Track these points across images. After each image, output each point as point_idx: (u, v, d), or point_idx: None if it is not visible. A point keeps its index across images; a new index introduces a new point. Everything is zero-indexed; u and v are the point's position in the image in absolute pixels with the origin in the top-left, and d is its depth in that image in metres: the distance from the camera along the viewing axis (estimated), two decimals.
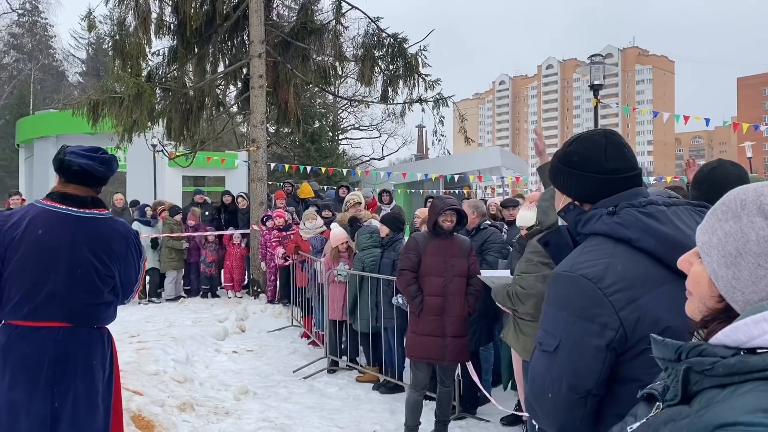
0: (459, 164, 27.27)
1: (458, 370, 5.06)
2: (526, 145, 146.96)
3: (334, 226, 7.27)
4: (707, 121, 10.96)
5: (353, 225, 7.24)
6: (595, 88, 12.32)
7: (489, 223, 5.84)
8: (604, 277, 1.41)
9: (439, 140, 12.28)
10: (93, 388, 2.72)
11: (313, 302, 7.64)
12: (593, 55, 12.68)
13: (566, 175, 1.63)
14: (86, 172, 2.75)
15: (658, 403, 0.95)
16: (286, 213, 9.93)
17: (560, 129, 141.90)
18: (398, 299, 5.49)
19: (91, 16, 11.85)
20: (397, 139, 47.81)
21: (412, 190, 25.57)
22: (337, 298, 6.71)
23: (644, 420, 0.95)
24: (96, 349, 2.76)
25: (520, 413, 4.66)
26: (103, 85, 11.37)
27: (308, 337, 7.96)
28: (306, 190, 11.45)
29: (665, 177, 17.24)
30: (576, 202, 1.64)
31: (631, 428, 0.97)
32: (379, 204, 10.09)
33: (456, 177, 22.53)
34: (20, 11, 40.22)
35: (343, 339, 6.83)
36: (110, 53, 11.94)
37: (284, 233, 9.36)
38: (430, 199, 10.08)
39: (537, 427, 1.61)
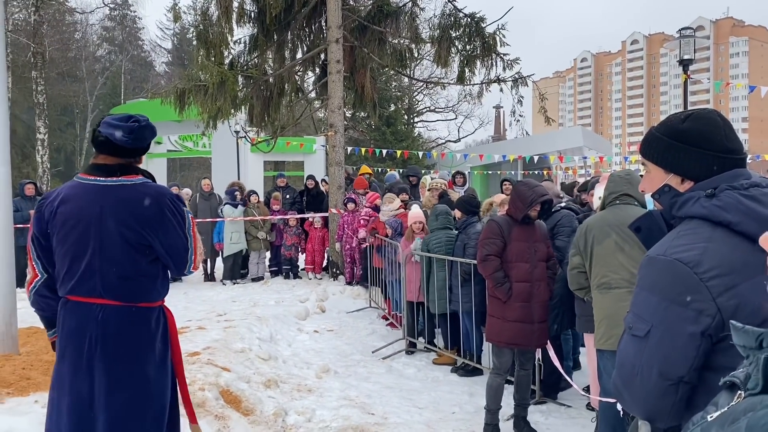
0: (539, 145, 26.65)
1: (538, 354, 5.00)
2: (609, 125, 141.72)
3: (413, 206, 7.31)
4: None
5: (443, 198, 7.34)
6: (684, 63, 11.71)
7: (563, 205, 5.69)
8: (701, 261, 1.36)
9: (518, 121, 12.02)
10: (137, 371, 2.55)
11: (390, 284, 7.72)
12: (683, 29, 12.03)
13: (681, 153, 1.54)
14: (111, 142, 2.58)
15: (739, 392, 0.92)
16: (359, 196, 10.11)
17: (646, 107, 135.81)
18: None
19: (177, 8, 12.36)
20: (474, 121, 47.12)
21: (489, 172, 25.23)
22: (414, 279, 6.75)
23: (725, 409, 0.93)
24: (141, 330, 2.57)
25: (589, 396, 4.58)
26: (189, 74, 11.83)
27: (386, 319, 8.06)
28: (360, 183, 10.85)
29: (762, 155, 16.20)
30: (670, 185, 1.57)
31: (711, 417, 0.95)
32: (453, 186, 10.02)
33: (535, 158, 22.02)
34: (111, 5, 42.36)
35: (420, 320, 6.89)
36: (194, 43, 12.37)
37: (376, 213, 9.28)
38: (506, 182, 9.92)
39: (623, 411, 1.58)
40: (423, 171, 14.87)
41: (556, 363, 4.75)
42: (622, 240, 3.57)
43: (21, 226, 9.24)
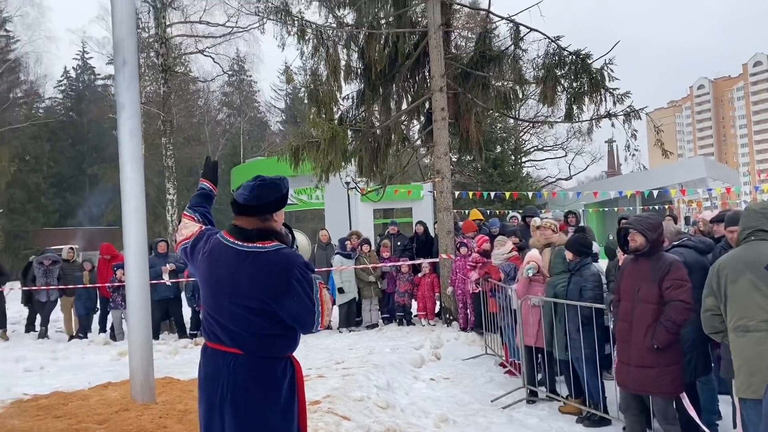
0: (657, 178, 25.41)
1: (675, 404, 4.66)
2: (735, 153, 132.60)
3: (534, 249, 7.14)
4: None
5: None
6: None
7: (679, 242, 5.31)
8: None
9: (633, 155, 11.51)
10: (263, 419, 2.67)
11: (506, 330, 7.54)
12: None
13: None
14: (240, 204, 2.77)
15: None
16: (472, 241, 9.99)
17: None
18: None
19: (289, 71, 13.13)
20: (585, 157, 44.75)
21: (606, 209, 24.26)
22: (531, 323, 6.55)
23: None
24: (268, 380, 2.70)
25: None
26: (302, 132, 12.47)
27: (504, 366, 7.85)
28: (469, 225, 11.10)
29: None
30: None
31: None
32: (566, 226, 9.70)
33: (655, 192, 20.94)
34: (230, 73, 45.72)
35: (541, 367, 6.64)
36: (306, 102, 13.05)
37: (485, 259, 9.23)
38: (624, 220, 9.47)
39: None
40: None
41: (692, 412, 4.40)
42: (758, 279, 3.31)
43: (155, 282, 10.00)
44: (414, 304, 11.32)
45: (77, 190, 45.18)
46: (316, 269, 3.08)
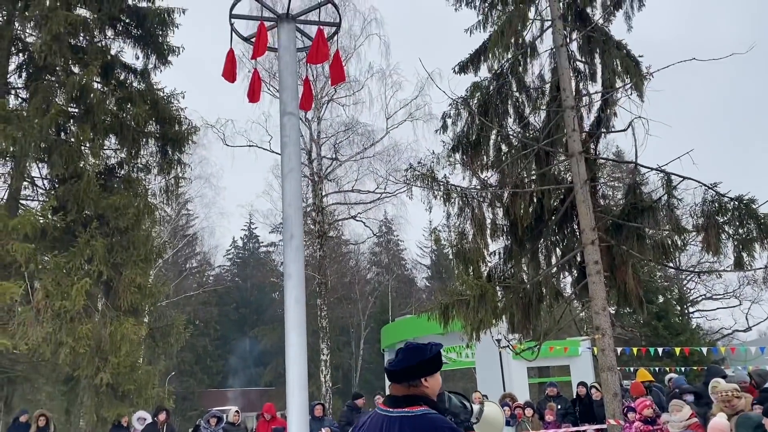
0: None
1: None
2: None
3: (720, 415, 6.36)
4: None
5: None
6: None
7: None
8: None
9: None
10: None
11: None
12: None
13: None
14: (388, 370, 2.90)
15: None
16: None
17: None
18: None
19: (436, 232, 13.61)
20: (764, 305, 39.27)
21: None
22: None
23: None
24: None
25: None
26: (450, 289, 12.55)
27: None
28: (637, 388, 10.17)
29: None
30: None
31: None
32: (754, 389, 8.56)
33: None
34: (378, 234, 48.14)
35: None
36: (452, 259, 13.25)
37: (651, 427, 8.44)
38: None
39: None
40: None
41: None
42: None
43: None
44: None
45: (239, 351, 47.91)
46: None
